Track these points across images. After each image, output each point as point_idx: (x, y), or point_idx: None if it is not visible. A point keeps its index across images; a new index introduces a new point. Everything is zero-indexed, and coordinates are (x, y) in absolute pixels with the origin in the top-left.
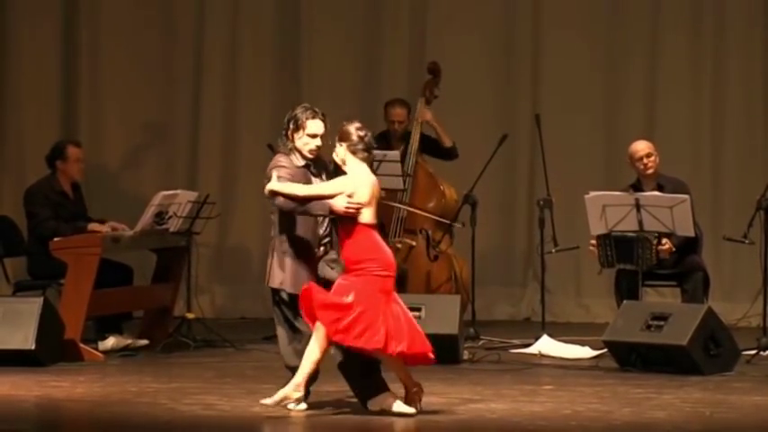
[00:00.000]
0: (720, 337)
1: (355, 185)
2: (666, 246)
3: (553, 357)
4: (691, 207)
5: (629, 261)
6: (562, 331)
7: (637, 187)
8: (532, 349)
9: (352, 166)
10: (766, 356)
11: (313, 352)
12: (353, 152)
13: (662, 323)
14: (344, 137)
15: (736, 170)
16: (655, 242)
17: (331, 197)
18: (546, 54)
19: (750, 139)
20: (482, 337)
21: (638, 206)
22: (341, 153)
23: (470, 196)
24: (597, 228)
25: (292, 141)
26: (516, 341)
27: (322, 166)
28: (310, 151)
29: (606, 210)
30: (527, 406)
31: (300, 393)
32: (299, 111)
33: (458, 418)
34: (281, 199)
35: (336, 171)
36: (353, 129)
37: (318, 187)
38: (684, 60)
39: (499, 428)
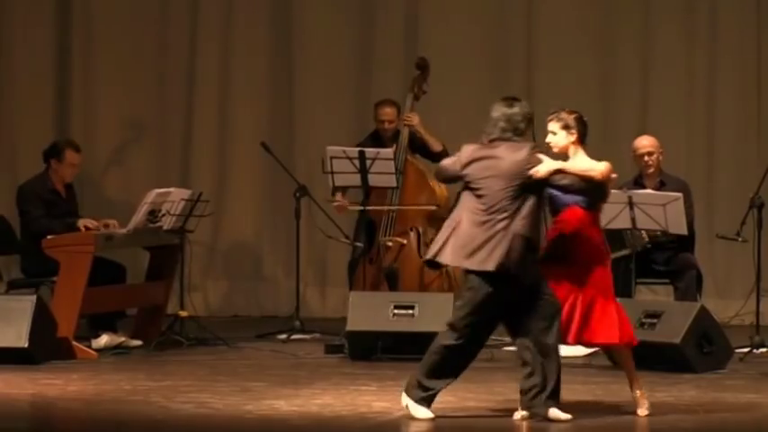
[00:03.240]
0: (713, 335)
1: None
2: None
3: None
4: (684, 205)
5: (623, 246)
6: None
7: (639, 182)
8: None
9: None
10: (759, 354)
11: None
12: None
13: (655, 321)
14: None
15: (730, 168)
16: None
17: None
18: (539, 53)
19: (743, 138)
20: None
21: (630, 204)
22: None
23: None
24: None
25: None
26: (509, 339)
27: None
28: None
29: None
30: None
31: None
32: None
33: (451, 415)
34: None
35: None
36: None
37: (602, 165)
38: (678, 59)
39: (492, 426)
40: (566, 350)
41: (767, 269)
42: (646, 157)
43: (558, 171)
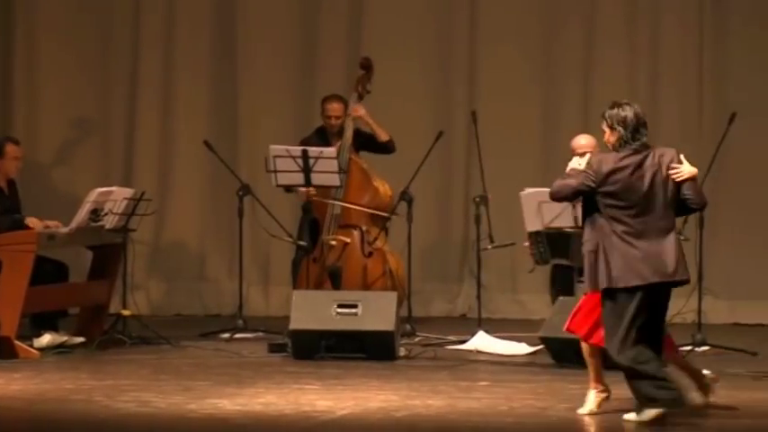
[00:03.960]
0: None
1: None
2: None
3: (489, 353)
4: None
5: (564, 256)
6: (498, 327)
7: None
8: (468, 345)
9: None
10: (701, 352)
11: None
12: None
13: None
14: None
15: None
16: None
17: None
18: (482, 51)
19: (684, 140)
20: (418, 333)
21: (573, 202)
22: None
23: (407, 193)
24: (533, 224)
25: None
26: (452, 337)
27: None
28: None
29: (542, 206)
30: (463, 402)
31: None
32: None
33: (394, 414)
34: None
35: None
36: None
37: None
38: (620, 64)
39: (435, 425)
40: (508, 348)
41: (709, 268)
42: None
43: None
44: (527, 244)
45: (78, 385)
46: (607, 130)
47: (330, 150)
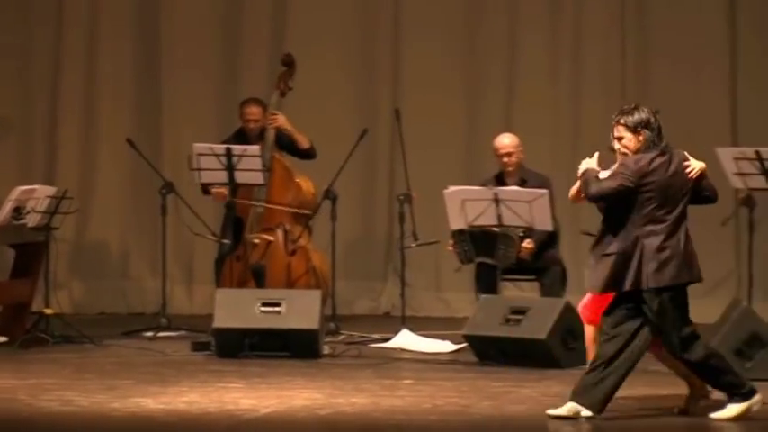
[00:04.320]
0: (578, 331)
1: None
2: (530, 246)
3: (413, 351)
4: (550, 202)
5: (489, 255)
6: (422, 325)
7: (500, 179)
8: (392, 343)
9: None
10: None
11: None
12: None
13: (521, 317)
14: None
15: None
16: (518, 241)
17: None
18: (405, 48)
19: (607, 134)
20: (342, 331)
21: (497, 201)
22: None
23: (330, 191)
24: (456, 222)
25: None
26: (376, 335)
27: None
28: None
29: (465, 204)
30: (387, 400)
31: None
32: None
33: (318, 413)
34: None
35: None
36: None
37: None
38: (543, 54)
39: (359, 423)
40: (432, 346)
41: None
42: (505, 158)
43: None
44: (450, 243)
45: (0, 384)
46: (628, 134)
47: (254, 148)
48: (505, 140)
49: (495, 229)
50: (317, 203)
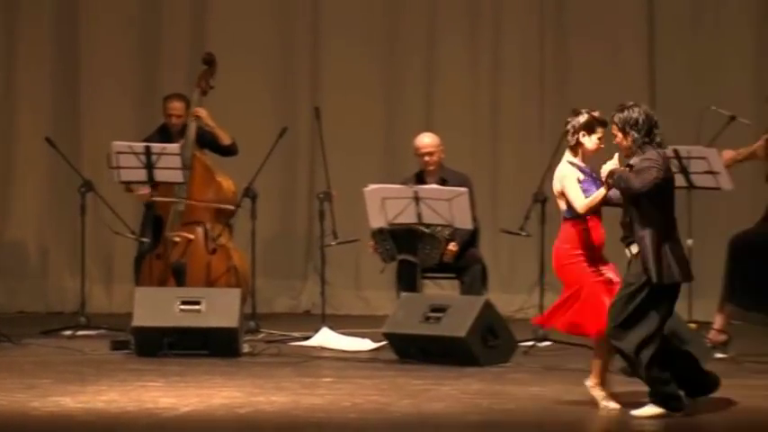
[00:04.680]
0: (498, 329)
1: None
2: (455, 249)
3: (333, 350)
4: (469, 200)
5: (411, 252)
6: (342, 324)
7: (420, 178)
8: (312, 342)
9: None
10: (543, 348)
11: None
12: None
13: (441, 315)
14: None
15: (514, 164)
16: (444, 243)
17: None
18: (325, 47)
19: (527, 134)
20: (262, 329)
21: (417, 199)
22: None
23: (250, 189)
24: (376, 221)
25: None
26: (296, 334)
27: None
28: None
29: (385, 203)
30: (307, 398)
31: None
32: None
33: (238, 411)
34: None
35: None
36: None
37: None
38: (462, 53)
39: (279, 421)
40: (352, 344)
41: (551, 263)
42: (426, 158)
43: None
44: (371, 245)
45: None
46: (619, 134)
47: (173, 146)
48: (426, 140)
49: (423, 228)
50: (238, 201)
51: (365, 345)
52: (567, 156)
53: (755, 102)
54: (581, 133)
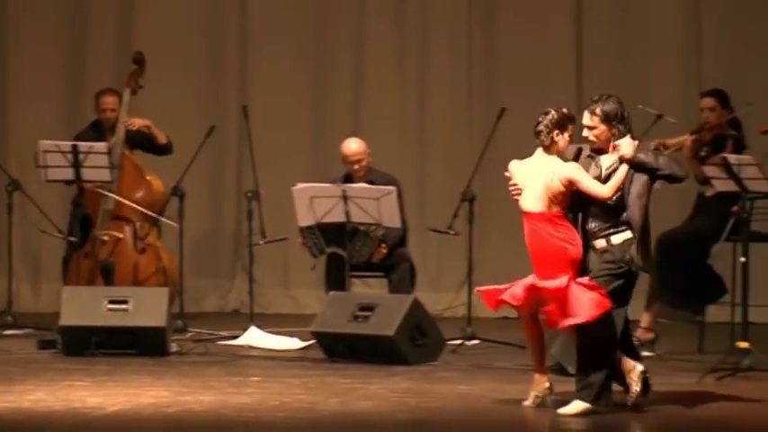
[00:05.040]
0: (426, 327)
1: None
2: (384, 251)
3: (261, 349)
4: (397, 199)
5: (340, 245)
6: (270, 322)
7: (349, 178)
8: (240, 341)
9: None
10: (471, 346)
11: None
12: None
13: (369, 314)
14: None
15: (442, 162)
16: (377, 243)
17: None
18: (253, 46)
19: (454, 133)
20: (190, 329)
21: (345, 197)
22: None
23: (178, 188)
24: (305, 219)
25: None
26: (224, 333)
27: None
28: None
29: (314, 201)
30: (235, 398)
31: None
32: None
33: (165, 410)
34: None
35: None
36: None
37: None
38: (390, 53)
39: (207, 421)
40: (280, 343)
41: (479, 262)
42: (356, 165)
43: None
44: (300, 239)
45: None
46: (601, 125)
47: (100, 145)
48: (353, 146)
49: (361, 226)
50: (166, 201)
51: (293, 344)
52: (543, 155)
53: (683, 100)
54: (555, 132)
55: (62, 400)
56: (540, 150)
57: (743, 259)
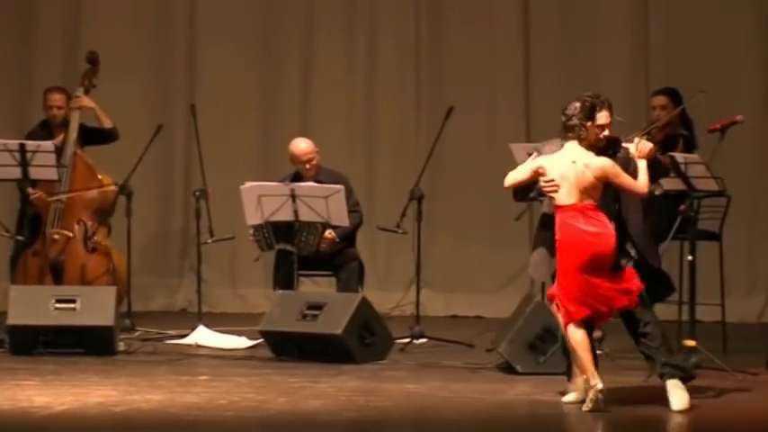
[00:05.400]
0: (374, 326)
1: (546, 163)
2: (331, 235)
3: (209, 348)
4: (349, 195)
5: (290, 242)
6: (219, 321)
7: (298, 177)
8: (189, 340)
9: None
10: (419, 345)
11: None
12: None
13: (317, 312)
14: None
15: (390, 162)
16: (320, 229)
17: (527, 179)
18: (201, 44)
19: (403, 132)
20: (138, 328)
21: (293, 196)
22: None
23: (126, 186)
24: (253, 218)
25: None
26: (172, 332)
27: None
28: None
29: (262, 200)
30: (183, 397)
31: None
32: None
33: (113, 410)
34: None
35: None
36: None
37: (518, 170)
38: (339, 54)
39: (154, 420)
40: (229, 342)
41: (427, 261)
42: (307, 165)
43: None
44: (251, 234)
45: None
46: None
47: (47, 144)
48: (302, 146)
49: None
50: (115, 201)
51: (241, 342)
52: (576, 147)
53: (631, 99)
54: (587, 123)
55: (9, 400)
56: (572, 143)
57: (690, 258)
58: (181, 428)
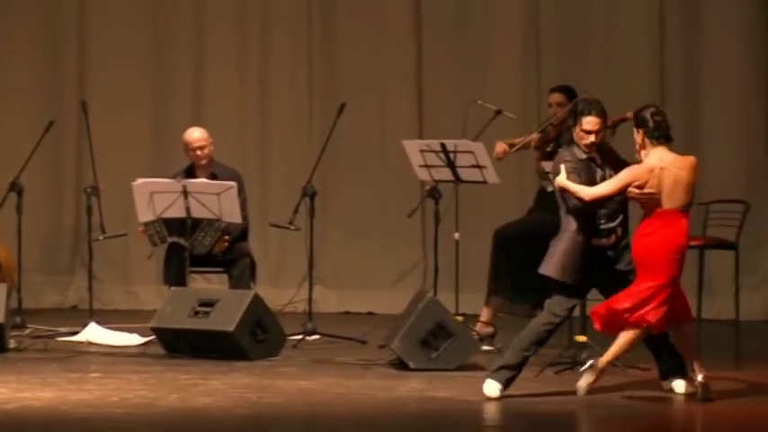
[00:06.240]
0: (267, 323)
1: (641, 173)
2: (226, 244)
3: (101, 345)
4: (240, 195)
5: (181, 235)
6: (110, 318)
7: (191, 172)
8: (80, 337)
9: (650, 153)
10: (312, 341)
11: None
12: (650, 138)
13: (209, 309)
14: (641, 123)
15: (283, 158)
16: (219, 234)
17: (618, 192)
18: (92, 41)
19: (295, 129)
20: (29, 325)
21: (185, 193)
22: (638, 139)
23: (16, 183)
24: (145, 215)
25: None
26: (64, 329)
27: (605, 152)
28: (585, 146)
29: (154, 197)
30: (74, 394)
31: None
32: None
33: (4, 407)
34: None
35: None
36: (649, 114)
37: (604, 186)
38: (231, 51)
39: (45, 417)
40: (120, 339)
41: (319, 257)
42: (198, 151)
43: None
44: (141, 228)
45: None
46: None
47: None
48: (196, 134)
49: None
50: (4, 199)
51: (133, 340)
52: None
53: (520, 95)
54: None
55: None
56: (666, 149)
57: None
58: (72, 426)
